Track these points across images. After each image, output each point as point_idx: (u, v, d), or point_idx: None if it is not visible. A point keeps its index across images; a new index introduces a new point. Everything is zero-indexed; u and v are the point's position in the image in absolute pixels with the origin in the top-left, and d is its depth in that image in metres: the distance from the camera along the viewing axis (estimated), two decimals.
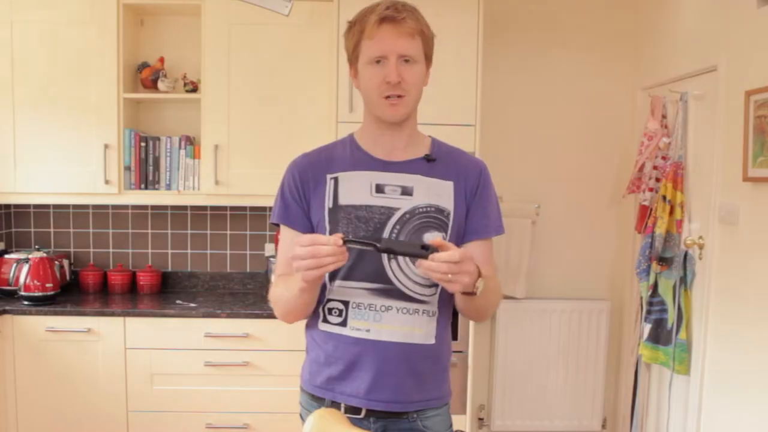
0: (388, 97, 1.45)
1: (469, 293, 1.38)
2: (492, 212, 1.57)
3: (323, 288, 1.54)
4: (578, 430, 3.52)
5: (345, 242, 1.31)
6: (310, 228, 1.55)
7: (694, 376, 2.77)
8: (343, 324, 1.50)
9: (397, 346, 1.49)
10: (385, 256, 1.47)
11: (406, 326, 1.49)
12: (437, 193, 1.52)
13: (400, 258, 1.48)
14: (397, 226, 1.49)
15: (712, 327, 2.65)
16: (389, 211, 1.49)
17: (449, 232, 1.51)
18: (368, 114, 1.54)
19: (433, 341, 1.52)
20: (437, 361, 1.55)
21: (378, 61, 1.44)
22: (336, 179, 1.53)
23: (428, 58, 1.51)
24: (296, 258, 1.31)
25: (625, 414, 3.47)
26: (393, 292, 1.48)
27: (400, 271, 1.49)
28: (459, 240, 1.55)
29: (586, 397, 3.50)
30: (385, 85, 1.44)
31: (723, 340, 2.59)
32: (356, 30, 1.47)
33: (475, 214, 1.55)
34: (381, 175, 1.52)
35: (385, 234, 1.48)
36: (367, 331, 1.48)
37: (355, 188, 1.51)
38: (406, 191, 1.50)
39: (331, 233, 1.49)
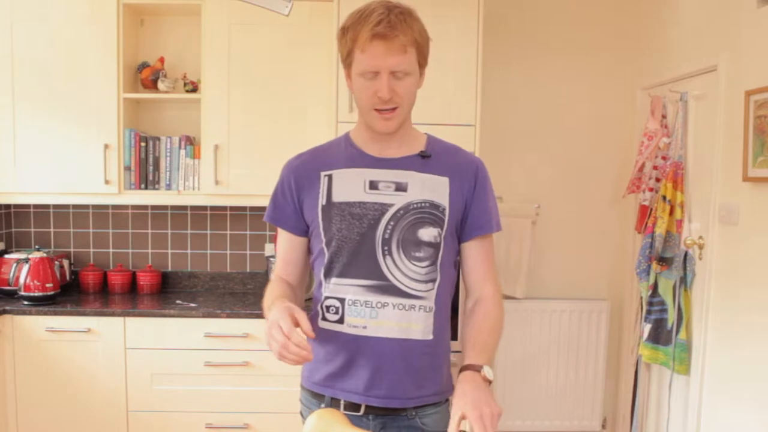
0: (380, 110, 1.45)
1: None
2: (491, 208, 1.57)
3: (320, 285, 1.55)
4: (578, 430, 3.52)
5: None
6: (302, 228, 1.57)
7: (694, 376, 2.77)
8: (341, 321, 1.51)
9: (393, 342, 1.49)
10: (380, 252, 1.48)
11: (402, 322, 1.49)
12: (432, 188, 1.51)
13: (395, 254, 1.48)
14: (391, 223, 1.49)
15: (712, 327, 2.65)
16: (383, 208, 1.49)
17: (445, 227, 1.51)
18: (362, 117, 1.54)
19: (431, 337, 1.52)
20: (435, 357, 1.55)
21: (370, 76, 1.43)
22: (330, 177, 1.53)
23: (423, 64, 1.49)
24: (270, 339, 1.31)
25: (625, 414, 3.47)
26: (388, 289, 1.48)
27: (396, 267, 1.49)
28: (456, 237, 1.56)
29: (586, 396, 3.50)
30: (376, 98, 1.44)
31: (723, 340, 2.59)
32: (349, 38, 1.44)
33: (475, 210, 1.54)
34: (375, 171, 1.52)
35: (379, 230, 1.48)
36: (364, 327, 1.49)
37: (348, 185, 1.51)
38: (400, 187, 1.50)
39: (325, 231, 1.51)
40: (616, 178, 3.48)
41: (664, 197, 2.86)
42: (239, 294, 3.38)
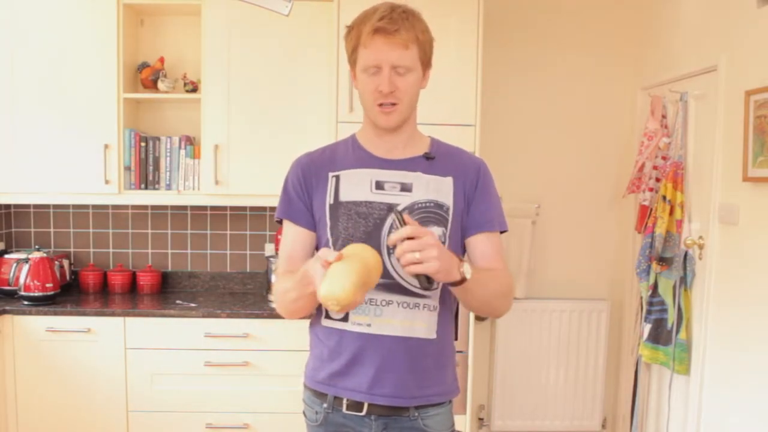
0: (381, 104, 1.48)
1: (459, 283, 1.37)
2: (494, 207, 1.58)
3: None
4: (578, 430, 3.52)
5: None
6: (312, 224, 1.58)
7: (694, 376, 2.77)
8: (345, 319, 1.52)
9: (398, 340, 1.50)
10: (385, 251, 1.50)
11: (406, 321, 1.50)
12: (436, 189, 1.54)
13: None
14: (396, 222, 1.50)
15: (712, 327, 2.65)
16: (388, 207, 1.51)
17: (449, 227, 1.53)
18: (367, 116, 1.57)
19: (434, 336, 1.53)
20: (439, 356, 1.56)
21: (372, 71, 1.46)
22: (338, 177, 1.56)
23: (426, 63, 1.52)
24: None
25: (625, 414, 3.47)
26: (393, 287, 1.50)
27: (400, 265, 1.49)
28: (461, 236, 1.56)
29: (586, 397, 3.50)
30: (378, 93, 1.47)
31: (723, 340, 2.59)
32: (353, 35, 1.49)
33: (477, 208, 1.56)
34: (381, 172, 1.54)
35: (384, 229, 1.50)
36: (368, 325, 1.50)
37: (355, 185, 1.54)
38: (405, 188, 1.53)
39: (331, 229, 1.53)
40: (616, 178, 3.49)
41: (664, 197, 2.86)
42: (239, 294, 3.38)
